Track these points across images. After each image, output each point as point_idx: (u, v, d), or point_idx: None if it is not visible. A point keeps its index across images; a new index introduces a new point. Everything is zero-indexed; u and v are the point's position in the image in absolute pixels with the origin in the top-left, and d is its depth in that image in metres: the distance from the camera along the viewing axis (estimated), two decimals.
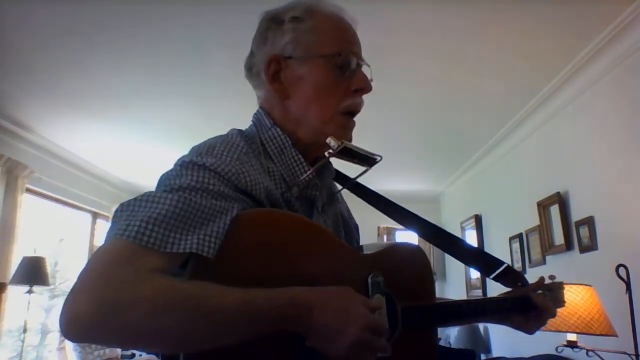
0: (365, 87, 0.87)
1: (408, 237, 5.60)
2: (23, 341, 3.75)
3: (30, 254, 3.89)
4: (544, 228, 3.25)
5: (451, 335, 4.83)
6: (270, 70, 0.85)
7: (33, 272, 3.65)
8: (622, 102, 2.49)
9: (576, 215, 2.88)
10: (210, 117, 3.54)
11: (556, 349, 2.41)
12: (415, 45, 2.64)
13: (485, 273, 1.10)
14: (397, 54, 2.73)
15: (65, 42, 2.61)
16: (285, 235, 0.73)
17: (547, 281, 1.11)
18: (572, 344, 2.28)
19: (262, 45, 0.87)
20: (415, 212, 1.02)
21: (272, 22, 0.86)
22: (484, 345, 4.29)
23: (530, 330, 1.07)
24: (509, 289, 1.11)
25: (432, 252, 4.90)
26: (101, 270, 0.59)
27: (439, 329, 5.47)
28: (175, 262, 0.64)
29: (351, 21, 0.89)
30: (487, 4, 2.27)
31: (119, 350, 4.83)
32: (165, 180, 0.71)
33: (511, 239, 3.84)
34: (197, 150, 0.76)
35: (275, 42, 0.85)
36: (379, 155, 0.88)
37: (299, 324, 0.66)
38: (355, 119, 0.89)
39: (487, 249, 4.42)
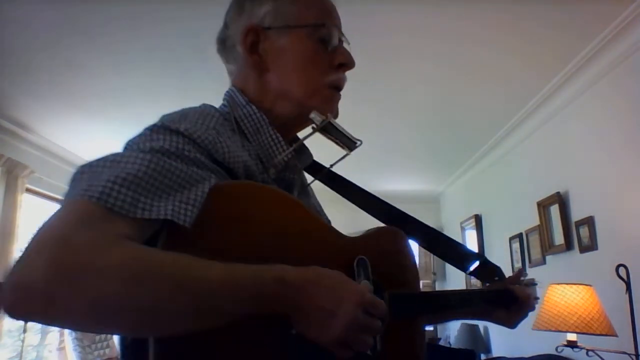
0: (349, 62, 0.83)
1: None
2: (23, 341, 3.75)
3: None
4: (544, 228, 3.25)
5: (451, 335, 4.83)
6: (247, 41, 0.80)
7: None
8: (622, 102, 2.49)
9: (576, 215, 2.88)
10: None
11: (556, 349, 2.41)
12: (415, 46, 2.64)
13: (459, 266, 1.07)
14: (397, 56, 2.73)
15: (66, 42, 2.62)
16: (267, 210, 0.67)
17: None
18: (572, 344, 2.28)
19: (237, 16, 0.83)
20: (416, 212, 0.99)
21: None
22: (484, 345, 4.29)
23: (512, 324, 1.06)
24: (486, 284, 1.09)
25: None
26: (59, 232, 0.49)
27: (439, 329, 5.47)
28: (146, 231, 0.55)
29: None
30: (486, 5, 2.27)
31: (118, 350, 4.83)
32: (134, 145, 0.63)
33: (511, 239, 3.84)
34: (168, 117, 0.69)
35: (253, 12, 0.81)
36: (359, 140, 0.83)
37: (286, 305, 0.59)
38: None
39: (487, 249, 4.42)
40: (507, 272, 1.08)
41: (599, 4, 2.24)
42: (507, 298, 1.04)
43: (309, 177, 0.95)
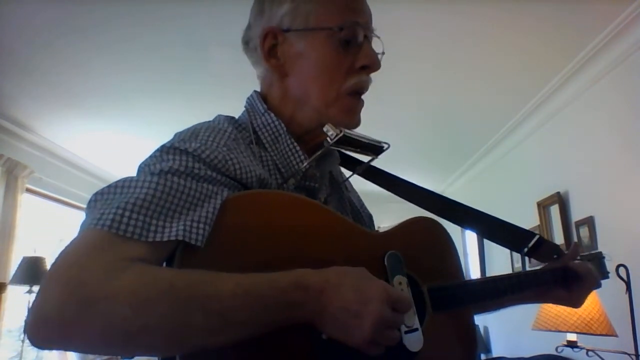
0: (372, 64, 0.77)
1: None
2: (23, 341, 3.74)
3: (30, 254, 3.89)
4: (544, 228, 3.25)
5: None
6: (266, 45, 0.76)
7: (33, 272, 3.64)
8: (622, 102, 2.49)
9: (576, 215, 2.88)
10: (212, 117, 3.54)
11: (556, 349, 2.41)
12: (415, 46, 2.64)
13: (515, 248, 1.01)
14: (396, 55, 2.73)
15: (66, 42, 2.61)
16: (286, 217, 0.65)
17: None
18: (572, 344, 2.28)
19: (259, 17, 0.79)
20: (416, 212, 0.95)
21: None
22: (484, 345, 4.28)
23: (575, 304, 0.99)
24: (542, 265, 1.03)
25: None
26: (71, 262, 0.51)
27: None
28: (160, 253, 0.56)
29: None
30: (487, 4, 2.27)
31: None
32: (145, 167, 0.63)
33: None
34: (179, 136, 0.69)
35: (272, 13, 0.77)
36: (385, 143, 0.80)
37: (308, 310, 0.57)
38: None
39: (487, 249, 4.42)
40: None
41: (599, 3, 2.24)
42: (565, 276, 0.97)
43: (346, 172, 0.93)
